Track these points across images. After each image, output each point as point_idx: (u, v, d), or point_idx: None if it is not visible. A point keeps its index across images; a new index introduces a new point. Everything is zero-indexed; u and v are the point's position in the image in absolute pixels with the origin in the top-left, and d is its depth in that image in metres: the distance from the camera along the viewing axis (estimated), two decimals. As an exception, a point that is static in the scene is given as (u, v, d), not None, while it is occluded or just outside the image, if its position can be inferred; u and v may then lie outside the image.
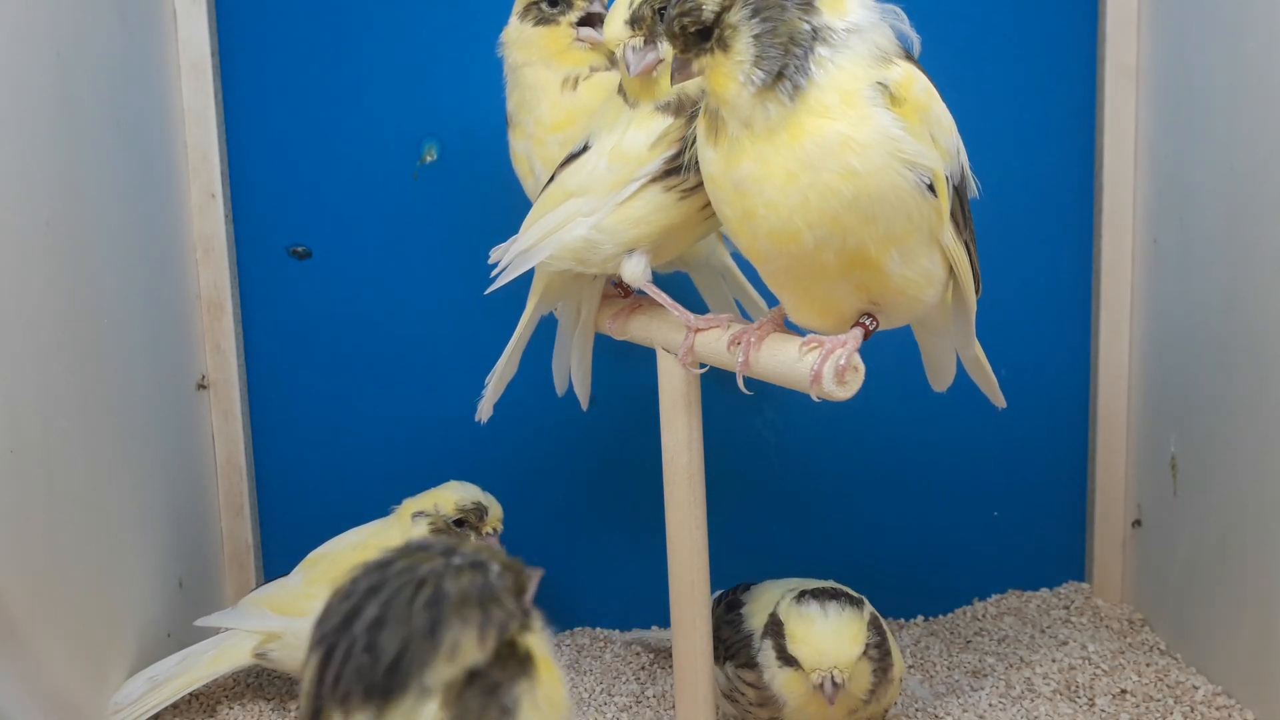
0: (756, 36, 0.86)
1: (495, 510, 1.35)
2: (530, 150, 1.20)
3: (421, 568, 0.59)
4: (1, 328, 1.04)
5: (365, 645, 0.56)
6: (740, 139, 0.89)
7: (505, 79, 1.23)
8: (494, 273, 1.11)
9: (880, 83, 0.86)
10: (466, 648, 0.56)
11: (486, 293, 1.11)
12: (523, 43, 1.19)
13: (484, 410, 1.25)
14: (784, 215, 0.88)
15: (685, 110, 1.02)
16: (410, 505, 1.34)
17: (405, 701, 0.55)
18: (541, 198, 1.12)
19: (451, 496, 1.34)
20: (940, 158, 0.89)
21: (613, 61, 1.08)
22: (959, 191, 0.94)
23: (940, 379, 1.18)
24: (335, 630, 0.57)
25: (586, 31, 1.17)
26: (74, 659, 1.15)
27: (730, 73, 0.87)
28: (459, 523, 1.33)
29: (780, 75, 0.86)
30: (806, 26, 0.86)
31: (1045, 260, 1.51)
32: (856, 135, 0.85)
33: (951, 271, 0.97)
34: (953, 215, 0.93)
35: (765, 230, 0.90)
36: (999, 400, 1.19)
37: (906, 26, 0.91)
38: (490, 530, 1.34)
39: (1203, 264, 1.32)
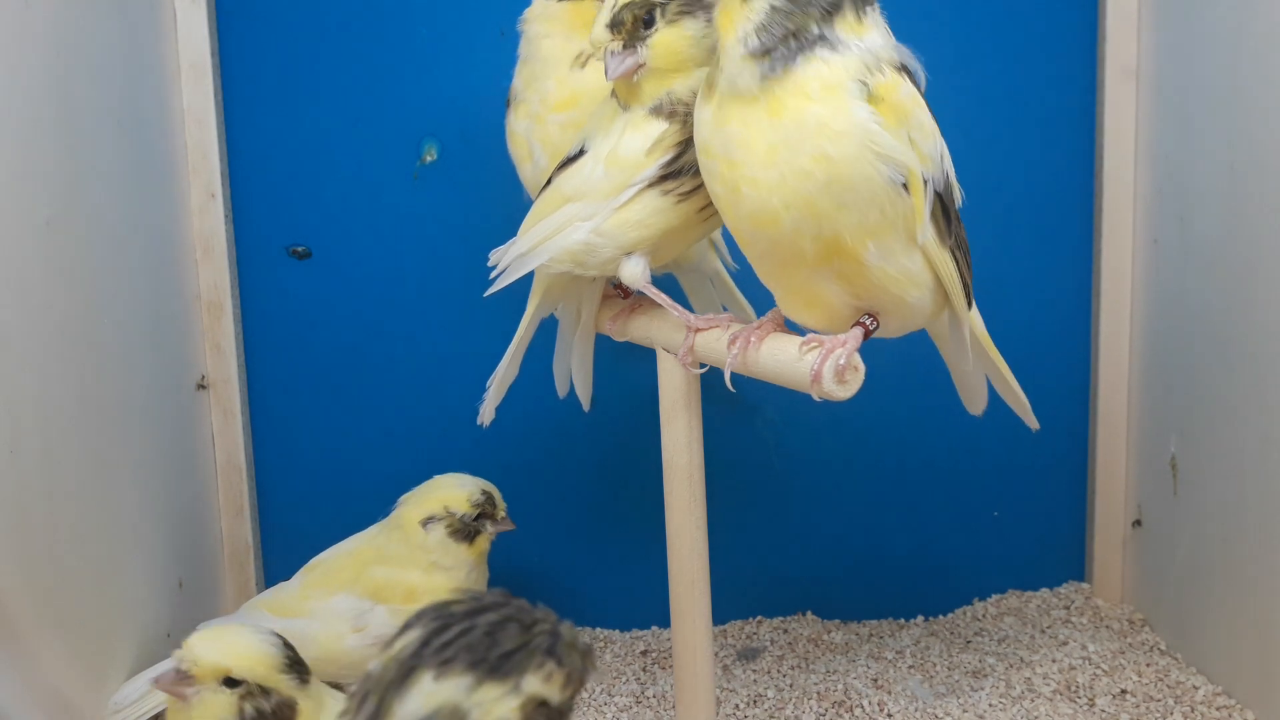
0: (774, 8, 0.90)
1: (498, 494, 1.32)
2: (530, 131, 1.20)
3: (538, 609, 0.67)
4: (1, 327, 1.04)
5: (486, 631, 0.63)
6: (727, 99, 0.92)
7: (519, 54, 1.23)
8: (492, 275, 1.12)
9: (862, 81, 0.89)
10: (556, 681, 0.63)
11: (485, 295, 1.12)
12: (547, 16, 1.20)
13: (486, 414, 1.25)
14: (763, 192, 0.90)
15: (679, 114, 1.03)
16: (413, 513, 1.29)
17: (499, 688, 0.62)
18: (539, 201, 1.12)
19: (460, 494, 1.30)
20: (918, 159, 0.90)
21: None
22: (943, 199, 0.94)
23: (973, 401, 1.18)
24: (457, 615, 0.64)
25: None
26: (74, 659, 1.14)
27: (735, 22, 0.91)
28: (477, 516, 1.29)
29: (768, 53, 0.89)
30: (815, 31, 0.90)
31: (1045, 260, 1.51)
32: (831, 122, 0.88)
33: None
34: (935, 222, 0.94)
35: (747, 210, 0.92)
36: (1031, 422, 1.19)
37: (917, 64, 0.95)
38: (502, 515, 1.31)
39: (1203, 264, 1.32)
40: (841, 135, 0.88)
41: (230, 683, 1.00)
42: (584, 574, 1.56)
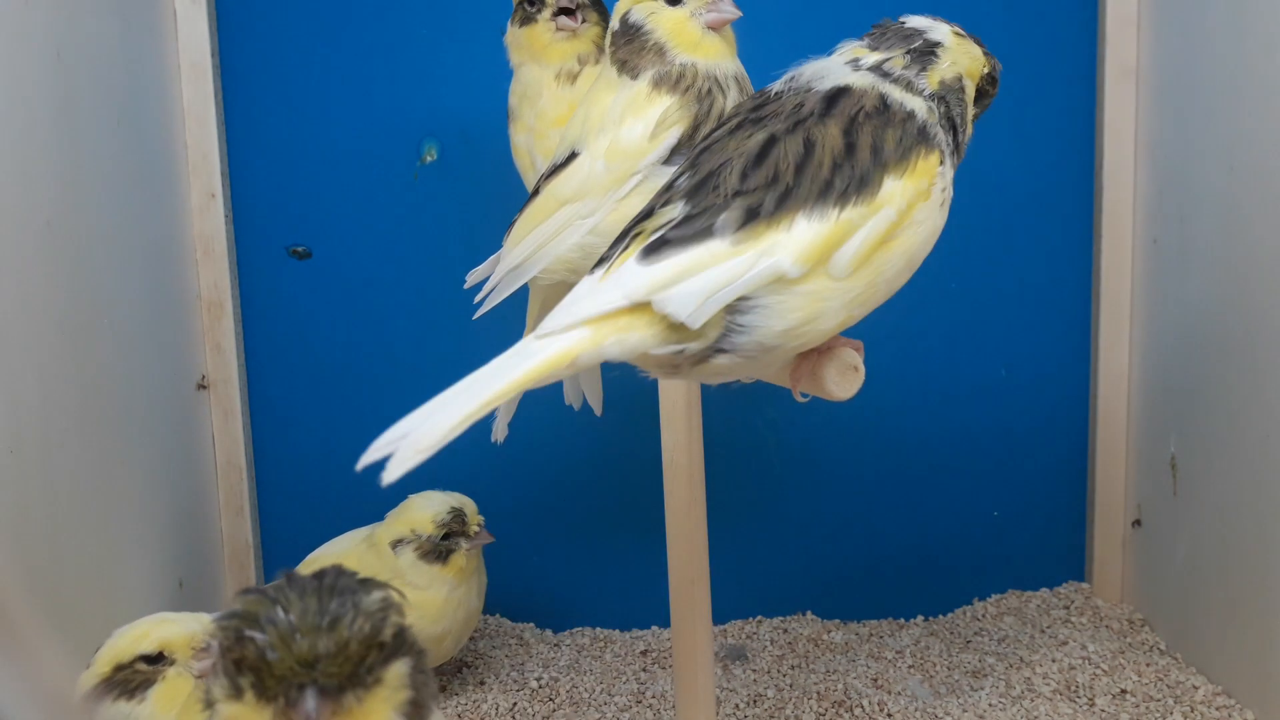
0: None
1: (471, 507, 1.31)
2: (531, 144, 1.20)
3: None
4: (1, 328, 1.04)
5: None
6: None
7: (512, 68, 1.24)
8: (480, 294, 1.09)
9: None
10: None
11: (475, 317, 1.10)
12: (516, 44, 1.21)
13: (499, 432, 1.24)
14: None
15: (683, 85, 1.00)
16: (384, 535, 1.30)
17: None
18: (527, 213, 1.08)
19: (424, 515, 1.29)
20: None
21: (600, 50, 1.12)
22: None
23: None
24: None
25: (562, 20, 1.17)
26: (74, 659, 1.14)
27: None
28: (445, 536, 1.29)
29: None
30: None
31: (1045, 260, 1.51)
32: None
33: None
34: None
35: None
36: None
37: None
38: (476, 528, 1.30)
39: (1203, 264, 1.32)
40: None
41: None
42: (584, 574, 1.56)
